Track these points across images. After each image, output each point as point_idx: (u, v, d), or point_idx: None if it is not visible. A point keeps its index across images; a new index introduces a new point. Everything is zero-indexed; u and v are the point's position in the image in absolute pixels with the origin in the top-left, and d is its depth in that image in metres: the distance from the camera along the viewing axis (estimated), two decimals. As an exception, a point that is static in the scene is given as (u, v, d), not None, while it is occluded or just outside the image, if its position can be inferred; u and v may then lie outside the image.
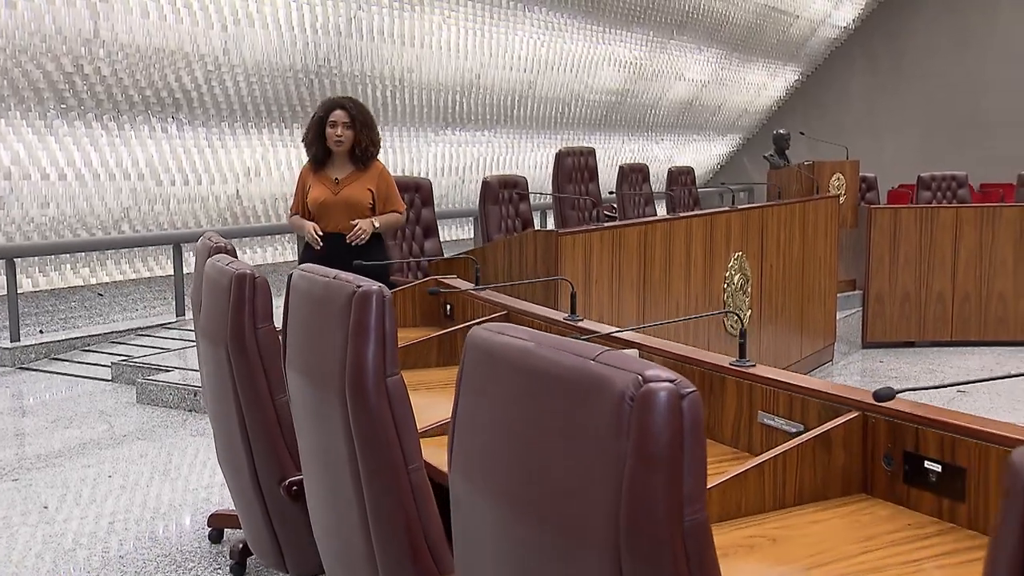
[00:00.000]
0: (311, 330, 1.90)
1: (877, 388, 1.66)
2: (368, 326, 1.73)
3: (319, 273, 1.91)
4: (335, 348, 1.77)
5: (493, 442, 1.26)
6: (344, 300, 1.76)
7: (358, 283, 1.76)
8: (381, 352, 1.74)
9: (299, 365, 1.97)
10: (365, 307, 1.73)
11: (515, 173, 12.32)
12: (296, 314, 1.98)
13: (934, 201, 9.97)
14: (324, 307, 1.83)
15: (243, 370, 2.46)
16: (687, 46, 13.43)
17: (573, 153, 6.84)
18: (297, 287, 1.98)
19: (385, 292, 1.75)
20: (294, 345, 1.99)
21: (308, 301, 1.92)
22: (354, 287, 1.75)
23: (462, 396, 1.36)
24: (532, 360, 1.22)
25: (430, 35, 9.58)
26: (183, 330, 7.37)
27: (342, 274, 1.83)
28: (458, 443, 1.36)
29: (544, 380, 1.19)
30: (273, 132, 8.95)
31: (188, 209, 8.72)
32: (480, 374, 1.32)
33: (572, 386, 1.16)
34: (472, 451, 1.31)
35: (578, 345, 1.21)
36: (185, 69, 7.88)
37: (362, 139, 4.50)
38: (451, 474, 1.38)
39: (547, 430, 1.18)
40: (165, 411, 5.51)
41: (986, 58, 16.11)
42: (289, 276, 2.04)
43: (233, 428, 2.55)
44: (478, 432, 1.30)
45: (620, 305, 5.16)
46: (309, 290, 1.92)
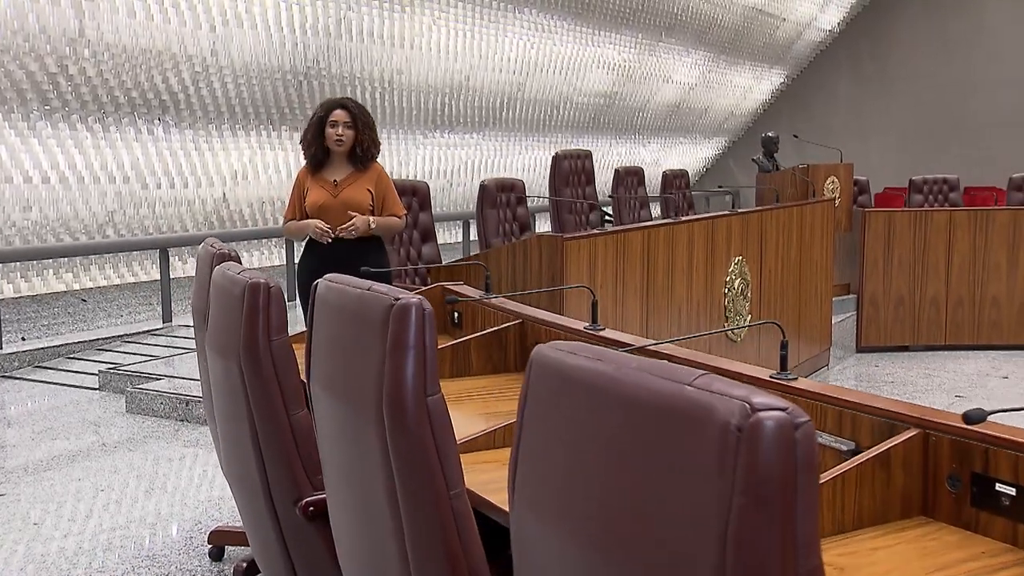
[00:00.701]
0: (341, 345, 1.78)
1: (967, 410, 1.56)
2: (407, 341, 1.62)
3: (350, 284, 1.79)
4: (370, 365, 1.65)
5: (570, 476, 1.15)
6: (381, 313, 1.64)
7: (396, 295, 1.64)
8: (421, 369, 1.62)
9: (327, 381, 1.85)
10: (404, 321, 1.62)
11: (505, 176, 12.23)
12: (324, 327, 1.86)
13: (926, 204, 9.95)
14: (357, 320, 1.72)
15: (257, 384, 2.34)
16: (675, 49, 13.37)
17: (570, 156, 6.75)
18: (325, 299, 1.86)
19: (425, 305, 1.63)
20: (321, 360, 1.87)
21: (338, 314, 1.80)
22: (392, 299, 1.63)
23: (528, 422, 1.25)
24: (616, 385, 1.11)
25: (420, 36, 9.45)
26: (171, 337, 7.22)
27: (377, 285, 1.71)
28: (524, 474, 1.25)
29: (632, 408, 1.08)
30: (261, 134, 8.80)
31: (174, 213, 8.55)
32: (551, 399, 1.21)
33: (666, 415, 1.05)
34: (543, 485, 1.20)
35: (667, 368, 1.10)
36: (172, 70, 7.72)
37: (363, 139, 4.38)
38: (515, 508, 1.26)
39: (636, 465, 1.07)
40: (156, 421, 5.36)
41: (971, 60, 16.16)
42: (313, 287, 1.92)
43: (245, 445, 2.42)
44: (550, 464, 1.19)
45: (624, 311, 5.06)
46: (339, 302, 1.80)
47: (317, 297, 1.90)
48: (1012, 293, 8.87)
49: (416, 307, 1.62)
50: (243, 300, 2.34)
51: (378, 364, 1.64)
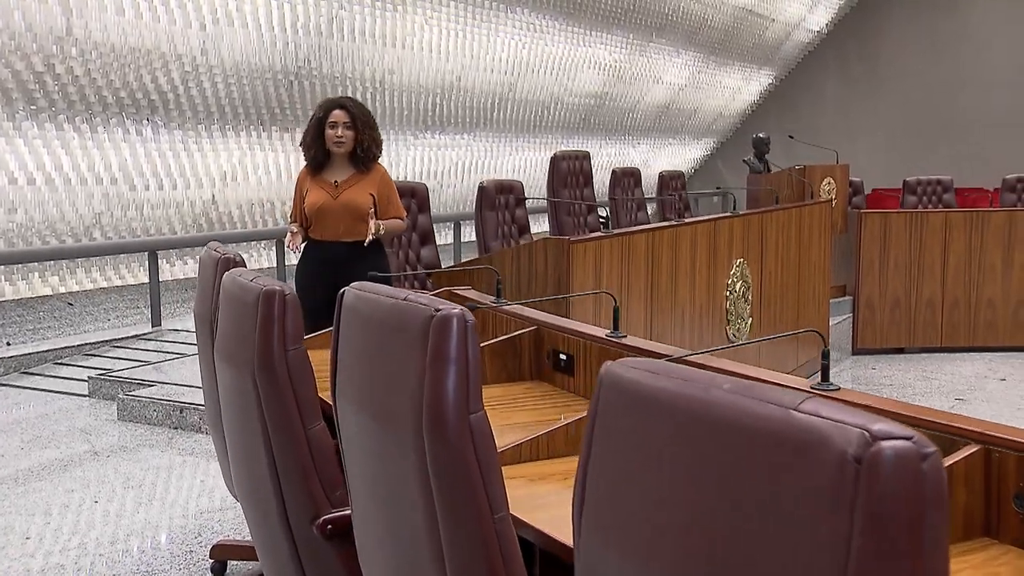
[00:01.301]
0: (373, 358, 1.68)
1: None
2: (448, 355, 1.51)
3: (384, 293, 1.68)
4: (408, 380, 1.55)
5: (656, 510, 1.05)
6: (420, 325, 1.53)
7: (436, 305, 1.54)
8: (464, 384, 1.52)
9: (355, 397, 1.74)
10: (445, 333, 1.51)
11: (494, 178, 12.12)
12: (352, 339, 1.75)
13: (920, 206, 9.91)
14: (393, 332, 1.61)
15: (272, 397, 2.22)
16: (666, 49, 13.31)
17: (568, 157, 6.65)
18: (354, 309, 1.75)
19: (468, 316, 1.53)
20: (350, 374, 1.76)
21: (370, 325, 1.69)
22: (432, 310, 1.53)
23: (599, 448, 1.15)
24: (709, 409, 1.01)
25: (412, 36, 9.34)
26: (160, 341, 7.08)
27: (414, 295, 1.60)
28: (595, 506, 1.15)
29: (730, 435, 0.98)
30: (251, 135, 8.66)
31: (162, 215, 8.41)
32: (628, 423, 1.11)
33: (771, 444, 0.95)
34: (622, 519, 1.10)
35: (765, 390, 1.00)
36: (161, 69, 7.58)
37: (364, 139, 4.28)
38: (584, 542, 1.16)
39: (735, 499, 0.97)
40: (149, 428, 5.23)
41: (959, 60, 16.18)
42: (340, 295, 1.81)
43: (258, 460, 2.31)
44: (629, 495, 1.09)
45: (629, 314, 4.97)
46: (371, 312, 1.69)
47: (345, 306, 1.79)
48: (1007, 295, 8.84)
49: (458, 318, 1.52)
50: (257, 308, 2.23)
51: (416, 379, 1.54)
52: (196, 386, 5.58)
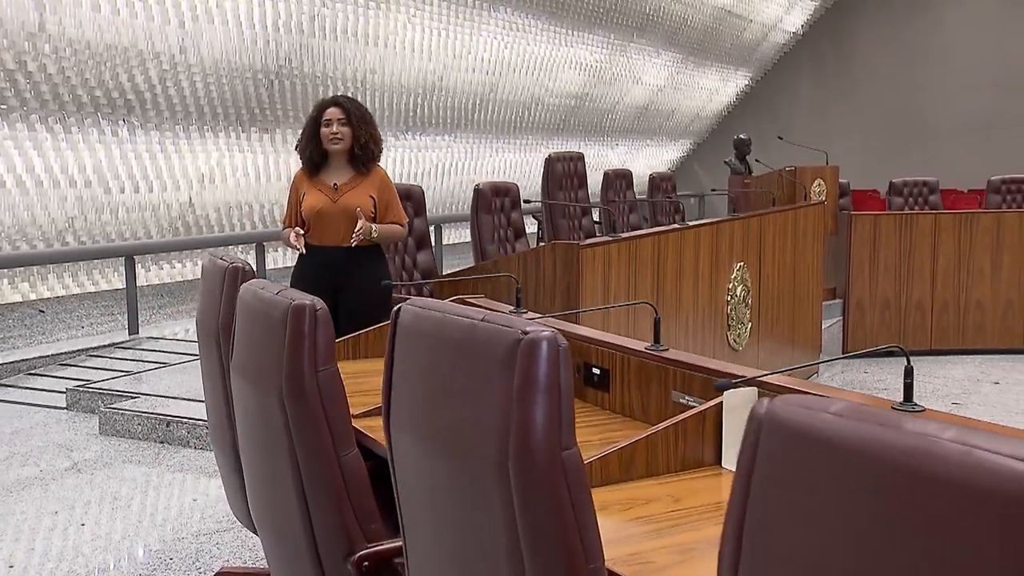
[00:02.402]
0: (441, 384, 1.49)
1: None
2: (538, 384, 1.33)
3: (453, 312, 1.49)
4: (487, 410, 1.37)
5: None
6: (504, 349, 1.35)
7: (522, 327, 1.35)
8: (555, 418, 1.34)
9: (417, 426, 1.56)
10: (535, 358, 1.33)
11: (473, 179, 11.94)
12: (412, 362, 1.57)
13: (906, 207, 9.85)
14: (468, 356, 1.43)
15: (302, 421, 2.03)
16: (646, 49, 13.20)
17: (563, 158, 6.49)
18: (414, 329, 1.56)
19: (560, 340, 1.35)
20: (408, 401, 1.57)
21: (436, 347, 1.50)
22: (518, 332, 1.35)
23: (760, 495, 0.98)
24: (920, 461, 0.84)
25: (395, 35, 9.13)
26: (139, 350, 6.83)
27: (492, 314, 1.42)
28: (760, 566, 0.97)
29: (951, 494, 0.81)
30: (230, 136, 8.41)
31: (138, 218, 8.13)
32: (802, 473, 0.94)
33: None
34: None
35: (994, 440, 0.83)
36: (138, 68, 7.31)
37: (361, 136, 4.08)
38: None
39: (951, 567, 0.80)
40: (134, 443, 4.99)
41: (930, 63, 16.24)
42: (395, 312, 1.63)
43: (285, 489, 2.11)
44: (806, 552, 0.92)
45: (635, 320, 4.80)
46: (438, 334, 1.50)
47: (400, 326, 1.60)
48: (996, 297, 8.79)
49: (549, 342, 1.34)
50: (285, 324, 2.04)
51: (499, 410, 1.35)
52: (182, 398, 5.36)
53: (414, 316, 1.57)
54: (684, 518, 1.89)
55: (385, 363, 1.66)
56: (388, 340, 1.65)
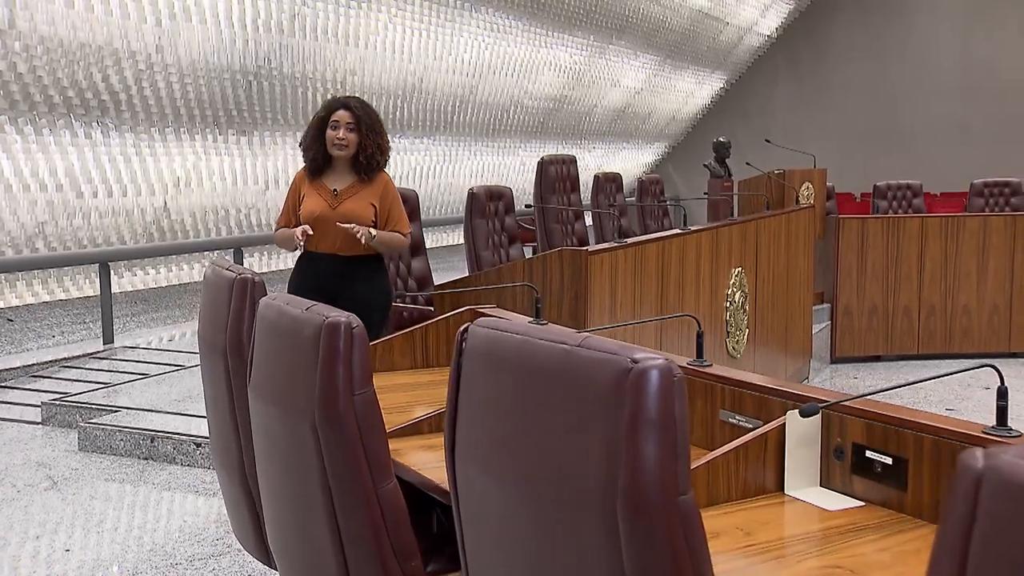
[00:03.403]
0: (526, 419, 1.32)
1: None
2: (650, 419, 1.17)
3: (536, 335, 1.32)
4: (590, 450, 1.20)
5: None
6: (611, 380, 1.18)
7: (630, 355, 1.19)
8: (671, 458, 1.17)
9: (490, 464, 1.38)
10: (646, 390, 1.17)
11: (452, 183, 11.76)
12: (486, 391, 1.39)
13: (890, 210, 9.81)
14: (563, 388, 1.25)
15: (337, 450, 1.85)
16: (625, 51, 13.08)
17: (556, 161, 6.33)
18: (490, 353, 1.39)
19: (675, 369, 1.18)
20: (482, 436, 1.40)
21: (520, 375, 1.33)
22: (626, 360, 1.18)
23: (980, 552, 0.82)
24: None
25: (375, 35, 8.92)
26: (116, 360, 6.58)
27: (590, 339, 1.25)
28: None
29: None
30: (207, 139, 8.16)
31: (111, 224, 7.86)
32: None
33: None
34: None
35: None
36: (113, 67, 7.05)
37: (368, 144, 3.89)
38: None
39: None
40: (116, 460, 4.76)
41: (903, 66, 16.30)
42: (462, 331, 1.45)
43: (315, 523, 1.93)
44: None
45: (640, 328, 4.65)
46: (519, 359, 1.33)
47: (469, 349, 1.43)
48: (982, 301, 8.76)
49: (663, 372, 1.17)
50: (318, 344, 1.86)
51: (604, 450, 1.18)
52: (166, 411, 5.14)
53: (488, 340, 1.40)
54: (762, 554, 1.73)
55: (449, 390, 1.48)
56: (453, 365, 1.47)
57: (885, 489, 1.91)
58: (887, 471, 1.90)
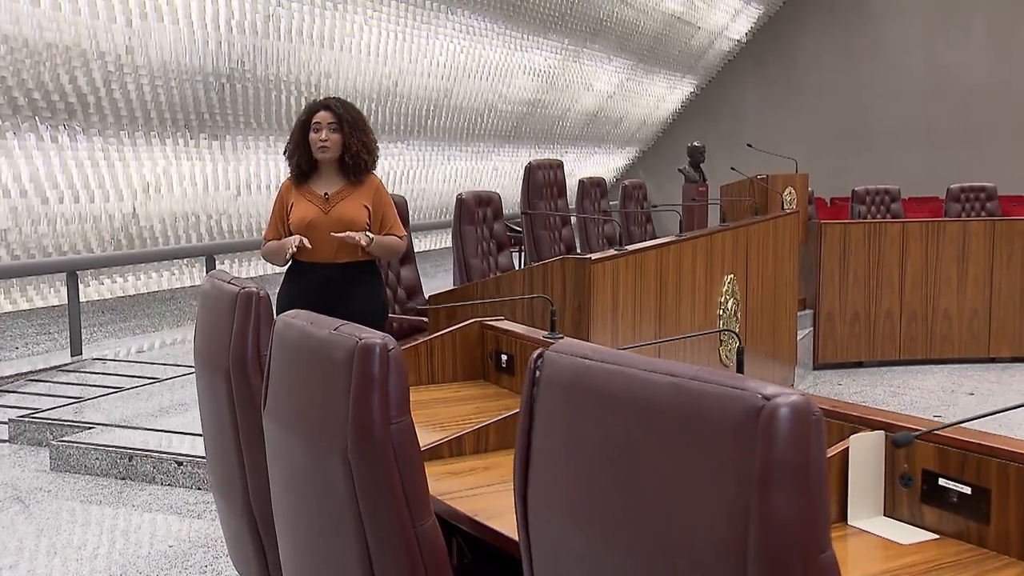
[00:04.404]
0: (622, 464, 1.15)
1: None
2: (786, 467, 1.01)
3: (631, 364, 1.16)
4: (710, 501, 1.04)
5: None
6: (738, 420, 1.03)
7: (759, 390, 1.03)
8: (811, 510, 1.02)
9: (576, 514, 1.22)
10: (780, 433, 1.01)
11: (425, 188, 11.57)
12: (568, 429, 1.23)
13: (868, 215, 9.78)
14: (673, 428, 1.10)
15: (371, 485, 1.68)
16: (598, 55, 12.98)
17: (543, 167, 6.18)
18: (573, 385, 1.22)
19: (813, 408, 1.02)
20: (564, 481, 1.23)
21: (615, 411, 1.17)
22: (757, 397, 1.02)
23: None
24: None
25: (351, 37, 8.72)
26: (85, 373, 6.32)
27: (706, 371, 1.09)
28: None
29: None
30: (178, 143, 7.91)
31: (77, 230, 7.58)
32: None
33: None
34: None
35: None
36: (81, 69, 6.79)
37: (352, 143, 3.73)
38: None
39: None
40: (92, 481, 4.52)
41: (871, 71, 16.37)
42: (536, 357, 1.29)
43: (345, 561, 1.76)
44: None
45: (640, 338, 4.52)
46: (611, 392, 1.17)
47: (545, 380, 1.27)
48: (962, 306, 8.74)
49: (799, 411, 1.02)
50: (350, 369, 1.68)
51: (728, 502, 1.03)
52: (144, 427, 4.91)
53: (571, 369, 1.23)
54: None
55: (520, 426, 1.32)
56: (525, 397, 1.31)
57: (962, 521, 1.77)
58: (965, 501, 1.77)
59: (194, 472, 4.36)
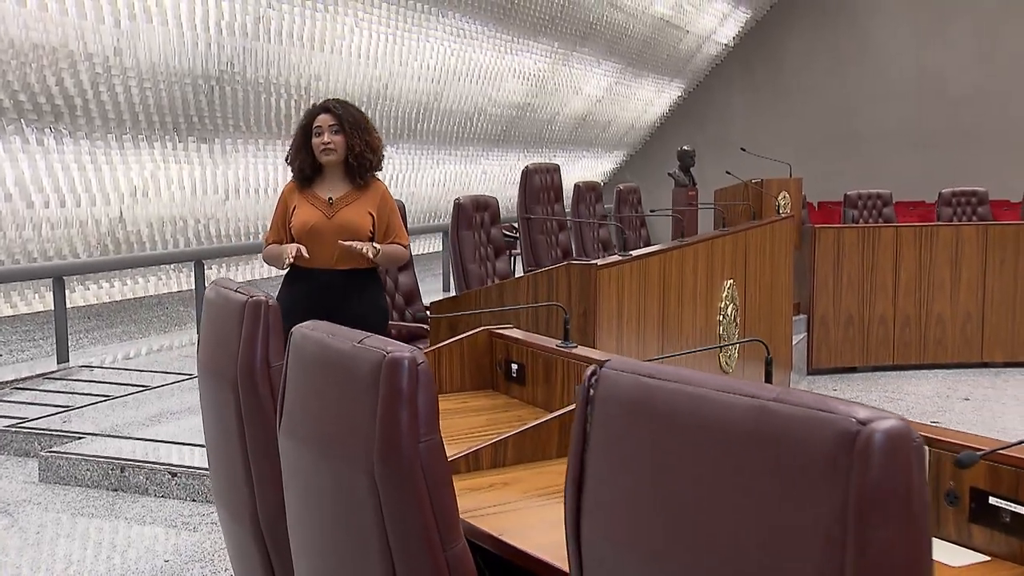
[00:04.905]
0: (693, 495, 1.07)
1: None
2: (884, 502, 0.93)
3: (711, 386, 1.07)
4: (800, 532, 0.96)
5: None
6: (829, 445, 0.94)
7: (852, 414, 0.95)
8: (911, 543, 0.93)
9: (636, 540, 1.13)
10: (874, 463, 0.93)
11: (414, 192, 11.47)
12: (635, 448, 1.14)
13: (861, 219, 9.75)
14: (759, 453, 1.01)
15: (399, 507, 1.59)
16: (588, 59, 12.92)
17: (540, 170, 6.10)
18: (635, 407, 1.14)
19: (914, 436, 0.94)
20: (625, 510, 1.15)
21: (694, 435, 1.09)
22: (850, 422, 0.94)
23: None
24: None
25: (342, 39, 8.61)
26: (72, 380, 6.19)
27: (791, 393, 1.01)
28: None
29: None
30: (166, 146, 7.78)
31: (63, 235, 7.44)
32: None
33: None
34: None
35: None
36: (68, 70, 6.66)
37: (355, 144, 3.65)
38: None
39: None
40: (83, 492, 4.40)
41: (860, 75, 16.39)
42: (590, 374, 1.21)
43: (370, 590, 1.66)
44: None
45: (644, 344, 4.45)
46: (686, 414, 1.08)
47: (600, 394, 1.18)
48: (955, 311, 8.72)
49: (899, 435, 0.94)
50: (376, 383, 1.59)
51: (818, 534, 0.95)
52: (135, 437, 4.79)
53: (633, 387, 1.15)
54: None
55: (573, 449, 1.23)
56: (579, 416, 1.23)
57: (1015, 542, 1.70)
58: (1018, 522, 1.69)
59: (189, 483, 4.25)
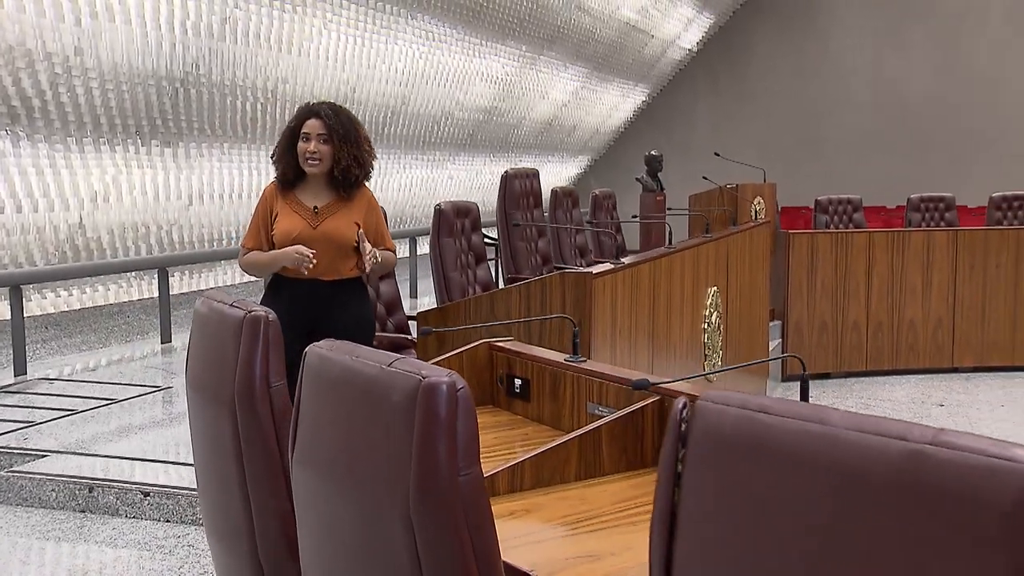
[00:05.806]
0: (823, 545, 0.93)
1: None
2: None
3: (840, 424, 0.94)
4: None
5: None
6: (1005, 499, 0.81)
7: (1001, 453, 0.82)
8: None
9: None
10: None
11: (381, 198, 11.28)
12: (743, 493, 1.01)
13: (831, 225, 9.75)
14: (915, 505, 0.88)
15: (436, 548, 1.44)
16: (555, 63, 12.84)
17: (520, 175, 5.97)
18: (758, 445, 1.00)
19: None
20: (732, 557, 1.01)
21: (828, 483, 0.95)
22: (1012, 467, 0.81)
23: None
24: None
25: (309, 41, 8.42)
26: (31, 394, 5.92)
27: (950, 435, 0.87)
28: None
29: None
30: (128, 150, 7.52)
31: (19, 242, 7.16)
32: None
33: None
34: None
35: None
36: (26, 70, 6.40)
37: (342, 157, 3.48)
38: None
39: None
40: (48, 515, 4.17)
41: (822, 82, 16.51)
42: (682, 407, 1.07)
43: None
44: None
45: (635, 354, 4.33)
46: (811, 455, 0.95)
47: (696, 434, 1.04)
48: (927, 316, 8.74)
49: None
50: (412, 412, 1.44)
51: None
52: (103, 455, 4.57)
53: (738, 425, 1.01)
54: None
55: (661, 491, 1.09)
56: (667, 457, 1.08)
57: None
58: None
59: (163, 503, 4.04)
